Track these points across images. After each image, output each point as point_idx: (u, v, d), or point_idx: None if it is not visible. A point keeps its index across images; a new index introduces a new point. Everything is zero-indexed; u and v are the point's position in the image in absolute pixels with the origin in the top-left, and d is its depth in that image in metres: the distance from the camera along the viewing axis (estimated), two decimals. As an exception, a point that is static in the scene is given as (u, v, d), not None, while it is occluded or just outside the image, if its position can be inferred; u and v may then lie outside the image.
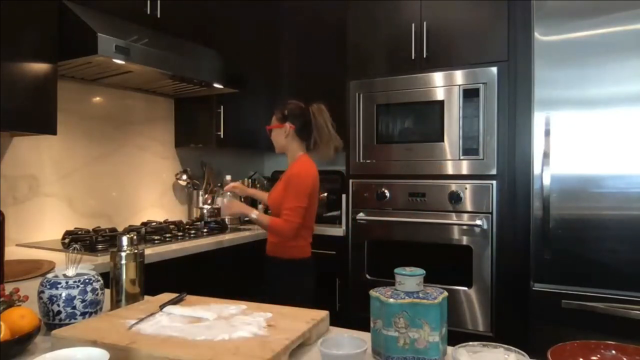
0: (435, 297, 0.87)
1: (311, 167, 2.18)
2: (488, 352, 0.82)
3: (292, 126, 2.19)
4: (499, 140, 2.44)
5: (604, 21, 1.98)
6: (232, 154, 3.45)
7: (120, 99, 2.66)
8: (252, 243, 2.60)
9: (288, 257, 2.15)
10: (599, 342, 0.88)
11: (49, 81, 1.93)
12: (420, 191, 2.61)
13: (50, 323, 1.01)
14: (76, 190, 2.43)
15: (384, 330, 0.87)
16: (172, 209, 3.00)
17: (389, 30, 2.73)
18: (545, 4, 2.08)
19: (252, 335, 0.90)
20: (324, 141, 2.21)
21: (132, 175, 2.74)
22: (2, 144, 2.13)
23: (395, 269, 0.92)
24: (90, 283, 1.05)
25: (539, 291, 2.08)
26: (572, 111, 2.03)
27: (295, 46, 3.34)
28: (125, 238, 1.19)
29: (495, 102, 2.44)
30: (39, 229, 2.26)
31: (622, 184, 1.94)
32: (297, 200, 2.07)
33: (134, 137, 2.75)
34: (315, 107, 2.23)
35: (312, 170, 2.17)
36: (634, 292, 1.90)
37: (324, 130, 2.20)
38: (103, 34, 1.93)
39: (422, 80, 2.62)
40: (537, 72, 2.10)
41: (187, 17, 2.60)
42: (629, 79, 1.93)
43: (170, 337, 0.89)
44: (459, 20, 2.55)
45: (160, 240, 2.23)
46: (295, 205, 2.06)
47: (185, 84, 2.56)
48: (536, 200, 2.09)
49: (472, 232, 2.48)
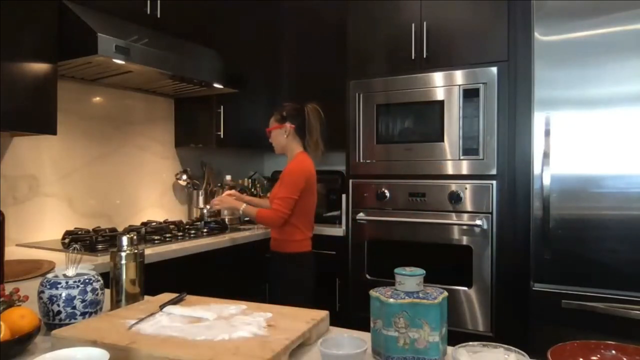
0: (435, 297, 0.87)
1: (307, 163, 2.27)
2: (488, 352, 0.82)
3: (292, 125, 2.30)
4: (499, 140, 2.44)
5: (604, 21, 1.98)
6: (232, 154, 3.45)
7: (120, 99, 2.66)
8: (252, 243, 2.60)
9: (289, 251, 2.26)
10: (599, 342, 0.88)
11: (49, 81, 1.93)
12: (420, 191, 2.61)
13: (50, 323, 1.01)
14: (76, 190, 2.43)
15: (384, 330, 0.87)
16: (172, 209, 3.00)
17: (389, 30, 2.73)
18: (545, 4, 2.08)
19: (252, 335, 0.90)
20: (313, 140, 2.33)
21: (132, 175, 2.74)
22: (2, 144, 2.13)
23: (395, 269, 0.92)
24: (90, 283, 1.05)
25: (539, 291, 2.08)
26: (572, 111, 2.03)
27: (295, 46, 3.34)
28: (125, 238, 1.19)
29: (495, 102, 2.44)
30: (39, 229, 2.26)
31: (622, 184, 1.94)
32: (288, 191, 2.18)
33: (134, 137, 2.75)
34: (310, 107, 2.33)
35: (308, 166, 2.26)
36: (634, 292, 1.90)
37: (314, 131, 2.32)
38: (103, 34, 1.93)
39: (422, 80, 2.62)
40: (537, 72, 2.10)
41: (187, 17, 2.60)
42: (629, 79, 1.93)
43: (170, 337, 0.89)
44: (459, 20, 2.54)
45: (160, 240, 2.23)
46: (286, 196, 2.18)
47: (185, 84, 2.56)
48: (536, 200, 2.09)
49: (472, 232, 2.48)
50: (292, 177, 2.21)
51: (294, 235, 2.25)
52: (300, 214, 2.25)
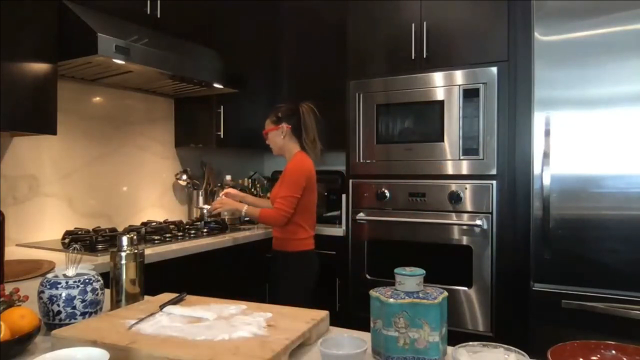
0: (435, 297, 0.87)
1: (307, 162, 2.27)
2: (488, 352, 0.82)
3: (288, 126, 2.30)
4: (499, 140, 2.44)
5: (604, 21, 1.98)
6: (232, 154, 3.45)
7: (120, 99, 2.66)
8: (252, 243, 2.60)
9: (293, 250, 2.27)
10: (599, 342, 0.88)
11: (49, 81, 1.93)
12: (420, 191, 2.61)
13: (50, 323, 1.01)
14: (76, 190, 2.43)
15: (384, 330, 0.87)
16: (172, 209, 3.00)
17: (389, 30, 2.73)
18: (545, 4, 2.08)
19: (252, 335, 0.90)
20: (310, 139, 2.32)
21: (132, 175, 2.74)
22: (2, 144, 2.13)
23: (395, 269, 0.92)
24: (90, 283, 1.05)
25: (539, 291, 2.08)
26: (572, 111, 2.03)
27: (295, 46, 3.34)
28: (125, 238, 1.19)
29: (495, 102, 2.44)
30: (39, 229, 2.26)
31: (622, 184, 1.94)
32: (289, 190, 2.18)
33: (134, 137, 2.75)
34: (305, 107, 2.33)
35: (308, 165, 2.26)
36: (634, 292, 1.90)
37: (310, 130, 2.32)
38: (103, 34, 1.93)
39: (422, 80, 2.62)
40: (537, 72, 2.10)
41: (187, 17, 2.60)
42: (629, 79, 1.93)
43: (170, 337, 0.89)
44: (459, 20, 2.54)
45: (160, 240, 2.23)
46: (288, 195, 2.18)
47: (185, 84, 2.56)
48: (536, 200, 2.09)
49: (472, 232, 2.48)
50: (292, 176, 2.21)
51: (297, 234, 2.26)
52: (303, 212, 2.25)
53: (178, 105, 3.01)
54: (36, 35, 1.88)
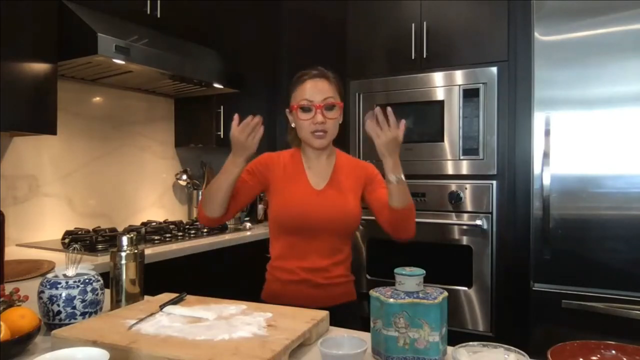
0: (435, 297, 0.87)
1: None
2: (488, 352, 0.82)
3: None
4: (499, 140, 2.44)
5: (604, 21, 1.98)
6: (232, 154, 3.44)
7: (120, 99, 2.66)
8: (252, 243, 2.60)
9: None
10: (599, 342, 0.88)
11: (49, 81, 1.93)
12: (420, 191, 2.61)
13: (50, 323, 1.01)
14: (76, 190, 2.43)
15: (384, 330, 0.87)
16: (172, 209, 3.00)
17: (389, 30, 2.73)
18: (545, 4, 2.08)
19: (252, 335, 0.90)
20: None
21: (132, 175, 2.74)
22: (2, 144, 2.13)
23: (395, 269, 0.92)
24: (90, 283, 1.05)
25: (539, 291, 2.08)
26: (572, 111, 2.03)
27: (295, 46, 3.34)
28: (125, 238, 1.19)
29: (495, 102, 2.44)
30: (39, 229, 2.26)
31: (622, 184, 1.94)
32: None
33: (134, 137, 2.74)
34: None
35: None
36: (634, 292, 1.90)
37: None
38: (103, 34, 1.93)
39: (422, 80, 2.62)
40: (537, 72, 2.09)
41: (187, 17, 2.60)
42: (629, 79, 1.93)
43: (170, 337, 0.89)
44: (459, 20, 2.54)
45: (160, 240, 2.23)
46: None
47: (185, 84, 2.56)
48: (536, 200, 2.09)
49: (472, 232, 2.48)
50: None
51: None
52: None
53: (178, 105, 3.00)
54: (36, 35, 1.88)
